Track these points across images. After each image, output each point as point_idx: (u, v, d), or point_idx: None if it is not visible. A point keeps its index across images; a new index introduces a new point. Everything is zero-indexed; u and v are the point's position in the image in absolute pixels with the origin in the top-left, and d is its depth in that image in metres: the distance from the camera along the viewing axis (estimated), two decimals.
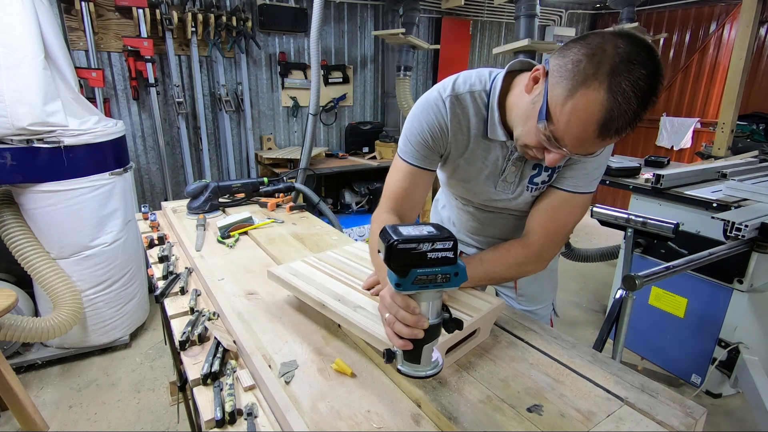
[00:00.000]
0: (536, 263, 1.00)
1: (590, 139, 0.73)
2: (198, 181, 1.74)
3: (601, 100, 0.68)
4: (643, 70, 0.66)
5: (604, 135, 0.71)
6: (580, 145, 0.75)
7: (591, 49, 0.69)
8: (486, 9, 4.41)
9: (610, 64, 0.67)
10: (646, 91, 0.67)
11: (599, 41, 0.69)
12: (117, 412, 2.09)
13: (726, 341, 2.06)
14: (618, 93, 0.67)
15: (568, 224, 0.99)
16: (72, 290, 2.20)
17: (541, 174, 0.97)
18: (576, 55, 0.70)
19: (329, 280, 1.01)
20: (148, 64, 2.92)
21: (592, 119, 0.69)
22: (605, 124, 0.69)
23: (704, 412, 0.73)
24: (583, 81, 0.69)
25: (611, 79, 0.67)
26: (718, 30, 4.42)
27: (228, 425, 0.70)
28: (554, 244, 0.99)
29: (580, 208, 0.97)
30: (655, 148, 4.90)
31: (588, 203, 0.98)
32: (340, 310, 0.87)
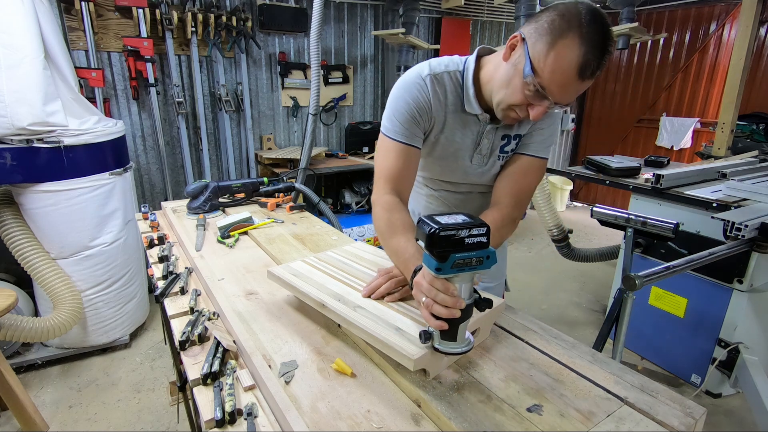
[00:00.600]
0: (510, 225, 1.09)
1: (572, 82, 0.85)
2: (198, 181, 1.74)
3: (577, 46, 0.82)
4: (603, 24, 0.82)
5: (583, 76, 0.84)
6: (564, 91, 0.87)
7: (560, 12, 0.84)
8: (486, 9, 4.41)
9: (579, 21, 0.82)
10: (607, 39, 0.83)
11: (564, 6, 0.85)
12: (117, 412, 2.09)
13: (726, 341, 2.06)
14: (589, 41, 0.82)
15: (531, 187, 1.10)
16: (72, 290, 2.20)
17: (510, 143, 1.09)
18: (549, 17, 0.85)
19: (329, 280, 1.01)
20: (148, 64, 2.92)
21: (572, 64, 0.83)
22: (583, 67, 0.83)
23: (704, 412, 0.73)
24: (560, 34, 0.83)
25: (582, 30, 0.81)
26: (718, 30, 4.42)
27: (228, 425, 0.70)
28: (521, 206, 1.09)
29: (540, 171, 1.10)
30: (655, 148, 4.90)
31: (544, 168, 1.12)
32: (340, 310, 0.87)
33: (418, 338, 0.75)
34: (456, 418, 0.70)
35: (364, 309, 0.88)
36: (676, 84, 4.80)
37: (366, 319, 0.84)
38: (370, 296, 0.92)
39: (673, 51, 4.76)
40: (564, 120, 5.62)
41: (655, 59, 4.90)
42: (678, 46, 4.72)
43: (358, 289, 0.96)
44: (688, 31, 4.62)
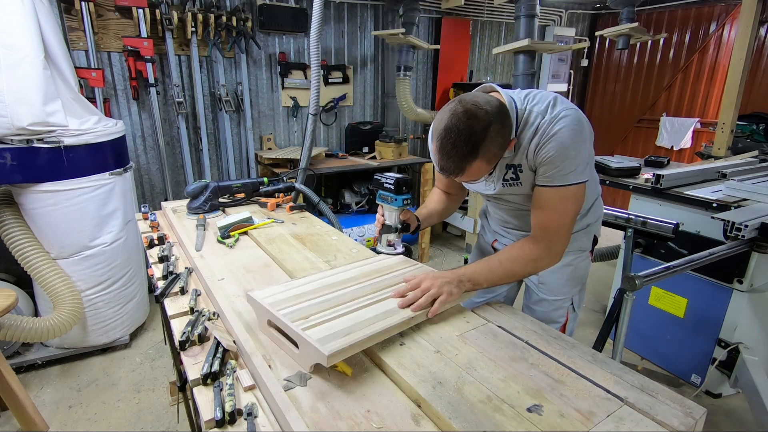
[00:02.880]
0: (549, 257, 1.12)
1: (442, 173, 1.04)
2: (198, 181, 1.74)
3: (435, 151, 1.02)
4: (456, 138, 0.96)
5: (443, 172, 1.03)
6: (444, 176, 1.11)
7: (437, 117, 1.01)
8: (486, 9, 4.40)
9: (437, 130, 1.00)
10: (459, 149, 0.96)
11: (442, 112, 1.00)
12: (117, 412, 2.09)
13: (726, 341, 2.06)
14: (441, 150, 0.99)
15: (564, 216, 1.10)
16: (72, 290, 2.20)
17: (509, 173, 1.17)
18: (434, 120, 1.03)
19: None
20: (148, 64, 2.92)
21: (435, 162, 1.04)
22: (440, 167, 1.03)
23: (704, 412, 0.73)
24: (431, 138, 1.04)
25: (437, 142, 1.00)
26: (718, 30, 4.42)
27: (228, 425, 0.70)
28: (559, 236, 1.11)
29: (569, 199, 1.09)
30: (655, 148, 4.90)
31: (576, 194, 1.09)
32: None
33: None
34: (456, 418, 0.70)
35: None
36: (676, 84, 4.80)
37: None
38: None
39: (673, 51, 4.76)
40: None
41: (655, 59, 4.90)
42: (678, 46, 4.72)
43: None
44: (688, 31, 4.62)
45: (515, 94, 1.12)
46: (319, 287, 1.03)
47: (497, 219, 1.45)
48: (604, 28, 4.21)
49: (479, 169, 1.00)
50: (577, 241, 1.33)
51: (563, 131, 1.03)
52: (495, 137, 0.98)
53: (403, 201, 1.26)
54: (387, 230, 1.31)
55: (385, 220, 1.31)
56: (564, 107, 1.06)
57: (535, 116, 1.06)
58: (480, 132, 0.95)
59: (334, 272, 1.13)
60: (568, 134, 1.03)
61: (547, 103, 1.07)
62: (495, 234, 1.49)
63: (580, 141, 1.05)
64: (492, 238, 1.50)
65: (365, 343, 0.83)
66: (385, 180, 1.29)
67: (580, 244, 1.35)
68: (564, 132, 1.03)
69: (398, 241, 1.32)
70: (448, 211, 1.47)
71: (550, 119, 1.04)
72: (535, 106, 1.07)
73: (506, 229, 1.43)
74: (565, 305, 1.40)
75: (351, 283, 1.06)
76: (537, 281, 1.39)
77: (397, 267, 1.18)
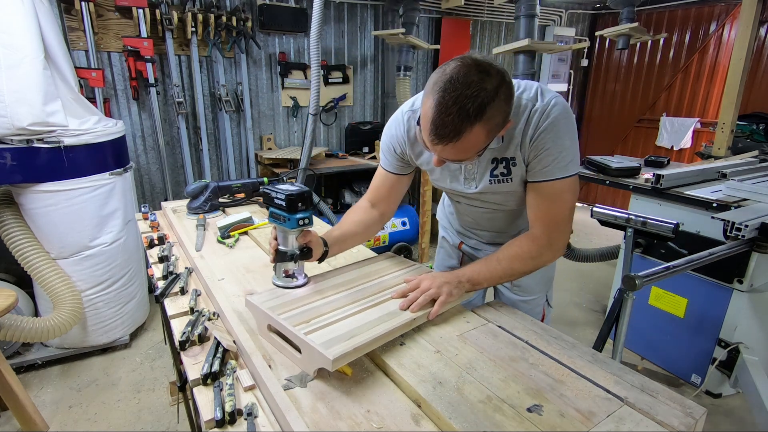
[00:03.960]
0: (550, 252, 1.07)
1: (430, 142, 0.88)
2: (198, 181, 1.74)
3: (431, 107, 0.84)
4: (463, 90, 0.80)
5: (440, 138, 0.85)
6: (431, 147, 0.90)
7: (440, 69, 0.86)
8: (486, 9, 4.40)
9: (440, 82, 0.83)
10: (463, 106, 0.80)
11: (446, 64, 0.85)
12: (117, 412, 2.09)
13: (726, 341, 2.06)
14: (441, 104, 0.82)
15: (562, 210, 1.05)
16: (72, 290, 2.20)
17: (498, 167, 1.08)
18: (435, 72, 0.87)
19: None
20: (148, 64, 2.92)
21: (428, 123, 0.85)
22: (434, 128, 0.84)
23: (704, 412, 0.73)
24: (427, 93, 0.86)
25: (438, 93, 0.82)
26: (718, 30, 4.42)
27: (228, 425, 0.71)
28: (559, 230, 1.06)
29: (567, 192, 1.03)
30: (655, 148, 4.90)
31: (572, 185, 1.03)
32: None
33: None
34: (456, 418, 0.70)
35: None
36: (676, 84, 4.80)
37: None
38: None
39: (673, 51, 4.76)
40: None
41: (655, 59, 4.90)
42: (678, 46, 4.72)
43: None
44: (688, 31, 4.62)
45: None
46: (318, 290, 1.03)
47: (466, 221, 1.36)
48: (604, 28, 4.21)
49: (477, 140, 0.86)
50: None
51: (558, 120, 0.97)
52: (503, 103, 0.85)
53: (298, 221, 1.00)
54: (281, 257, 1.04)
55: (279, 244, 1.06)
56: (552, 95, 0.99)
57: (525, 103, 0.99)
58: (491, 90, 0.81)
59: (333, 274, 1.13)
60: (563, 123, 0.97)
61: (534, 90, 1.00)
62: (461, 236, 1.44)
63: (573, 129, 1.01)
64: (458, 240, 1.45)
65: (369, 347, 0.83)
66: (275, 194, 1.02)
67: None
68: (559, 121, 0.97)
69: (299, 270, 1.07)
70: (369, 232, 1.25)
71: (542, 107, 0.97)
72: (524, 93, 1.00)
73: (474, 231, 1.37)
74: (541, 302, 1.41)
75: (351, 285, 1.06)
76: (510, 284, 1.36)
77: (397, 268, 1.18)
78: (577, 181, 1.05)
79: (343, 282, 1.08)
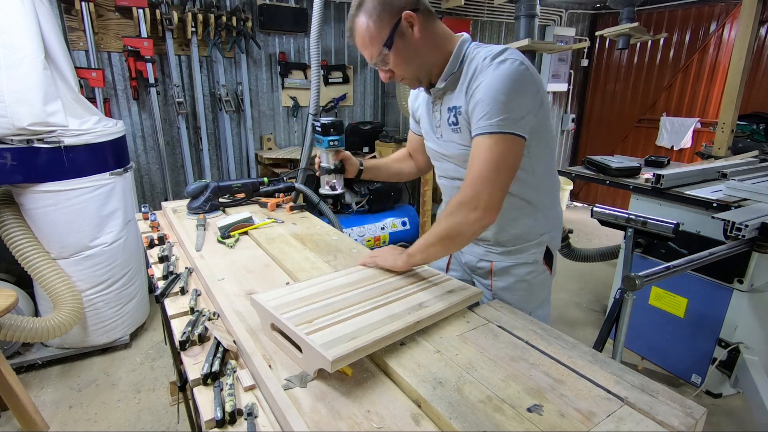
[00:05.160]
0: (476, 202, 1.00)
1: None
2: (198, 181, 1.74)
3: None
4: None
5: (350, 40, 1.12)
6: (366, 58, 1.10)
7: None
8: (486, 9, 4.40)
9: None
10: (349, 8, 1.06)
11: None
12: (117, 412, 2.09)
13: (726, 341, 2.06)
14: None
15: (488, 164, 0.98)
16: (72, 290, 2.20)
17: (450, 116, 1.12)
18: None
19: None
20: (148, 64, 2.92)
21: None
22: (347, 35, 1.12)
23: (704, 412, 0.73)
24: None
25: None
26: (718, 30, 4.42)
27: (228, 425, 0.70)
28: (484, 188, 0.99)
29: (490, 150, 0.98)
30: (655, 148, 4.90)
31: (501, 145, 0.98)
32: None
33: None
34: (456, 418, 0.70)
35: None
36: (676, 84, 4.79)
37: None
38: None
39: (673, 51, 4.76)
40: (564, 120, 5.63)
41: (655, 59, 4.90)
42: (678, 46, 4.72)
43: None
44: (688, 31, 4.62)
45: (477, 42, 1.11)
46: (323, 290, 1.03)
47: (446, 200, 1.34)
48: (604, 28, 4.21)
49: (368, 29, 1.03)
50: (526, 252, 1.21)
51: (498, 73, 0.97)
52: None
53: (329, 142, 1.30)
54: (323, 171, 1.36)
55: (321, 162, 1.36)
56: (512, 57, 0.99)
57: (480, 57, 1.02)
58: None
59: (338, 275, 1.13)
60: (502, 77, 0.96)
61: (498, 50, 1.01)
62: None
63: (516, 90, 0.97)
64: None
65: (370, 348, 0.83)
66: (316, 124, 1.33)
67: (534, 256, 1.21)
68: (499, 74, 0.97)
69: (339, 182, 1.38)
70: (404, 172, 1.48)
71: (490, 61, 0.99)
72: (484, 50, 1.04)
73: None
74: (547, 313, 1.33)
75: (355, 286, 1.06)
76: (491, 295, 1.27)
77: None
78: (514, 147, 0.99)
79: (348, 283, 1.08)
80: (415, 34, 1.04)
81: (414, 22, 1.03)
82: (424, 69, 1.10)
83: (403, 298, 1.01)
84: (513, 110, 0.97)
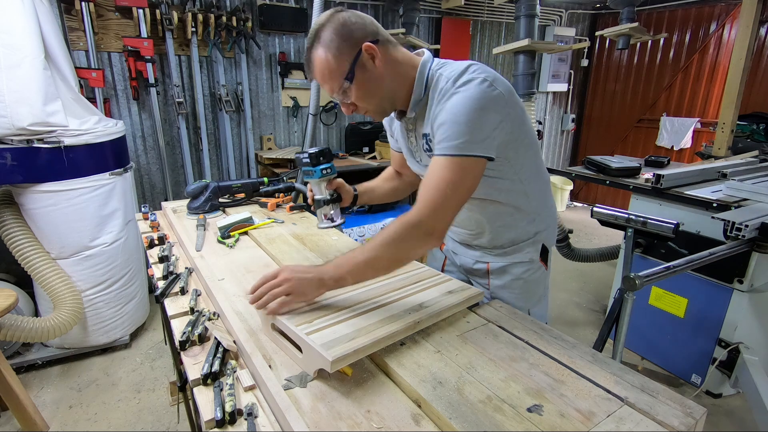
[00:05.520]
0: (421, 235, 0.95)
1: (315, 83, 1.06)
2: (198, 181, 1.74)
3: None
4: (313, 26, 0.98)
5: (308, 75, 1.04)
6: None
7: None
8: (486, 9, 4.40)
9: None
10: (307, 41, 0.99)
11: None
12: (117, 412, 2.09)
13: (726, 341, 2.06)
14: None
15: (438, 188, 0.94)
16: (72, 290, 2.20)
17: (425, 142, 1.10)
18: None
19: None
20: (148, 64, 2.92)
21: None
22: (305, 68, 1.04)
23: (704, 412, 0.73)
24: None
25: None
26: (718, 30, 4.42)
27: (228, 425, 0.70)
28: (431, 210, 0.94)
29: (446, 170, 0.94)
30: (655, 148, 4.90)
31: (457, 167, 0.94)
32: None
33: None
34: (456, 418, 0.70)
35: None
36: (676, 84, 4.80)
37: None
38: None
39: (673, 51, 4.76)
40: (564, 120, 5.63)
41: (655, 59, 4.90)
42: (678, 46, 4.72)
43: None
44: (688, 31, 4.62)
45: (439, 61, 1.06)
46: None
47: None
48: (604, 28, 4.21)
49: (325, 62, 0.96)
50: (524, 251, 1.21)
51: (460, 96, 0.93)
52: (338, 26, 0.95)
53: (321, 171, 1.23)
54: (318, 204, 1.28)
55: (315, 194, 1.29)
56: (474, 75, 0.95)
57: (443, 81, 0.98)
58: (323, 21, 0.97)
59: None
60: (464, 100, 0.93)
61: (460, 70, 0.97)
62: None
63: (480, 109, 0.93)
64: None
65: (370, 349, 0.83)
66: (302, 156, 1.24)
67: (530, 254, 1.22)
68: (461, 97, 0.93)
69: (336, 213, 1.29)
70: (396, 192, 1.41)
71: (451, 85, 0.96)
72: (446, 71, 0.99)
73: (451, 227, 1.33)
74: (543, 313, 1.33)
75: (356, 286, 1.06)
76: (489, 294, 1.26)
77: (403, 270, 1.17)
78: (468, 168, 0.95)
79: None
80: (376, 65, 0.99)
81: (375, 54, 0.97)
82: (387, 99, 1.06)
83: (403, 298, 1.01)
84: (474, 131, 0.93)
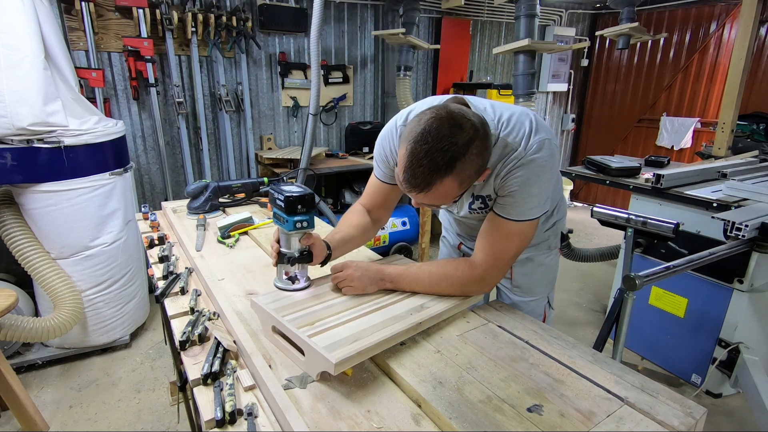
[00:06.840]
0: (479, 285, 1.05)
1: (403, 189, 0.89)
2: (198, 181, 1.74)
3: (404, 156, 0.85)
4: (434, 144, 0.81)
5: (407, 186, 0.87)
6: (410, 194, 0.89)
7: (416, 119, 0.86)
8: (486, 9, 4.40)
9: (414, 132, 0.84)
10: (433, 159, 0.82)
11: (423, 113, 0.86)
12: (117, 412, 2.09)
13: (726, 341, 2.06)
14: (413, 155, 0.83)
15: (507, 250, 1.03)
16: (72, 290, 2.20)
17: (475, 203, 1.09)
18: (410, 121, 0.88)
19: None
20: (148, 64, 2.92)
21: (401, 170, 0.86)
22: (406, 177, 0.85)
23: (704, 412, 0.73)
24: (402, 140, 0.87)
25: (411, 143, 0.83)
26: (718, 30, 4.42)
27: (228, 425, 0.71)
28: (497, 269, 1.04)
29: (518, 236, 1.02)
30: (655, 148, 4.90)
31: (525, 230, 1.02)
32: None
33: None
34: (456, 418, 0.70)
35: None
36: (676, 84, 4.79)
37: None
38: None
39: (673, 51, 4.76)
40: (564, 120, 5.63)
41: (655, 59, 4.90)
42: (678, 46, 4.72)
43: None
44: (688, 31, 4.62)
45: (487, 113, 0.98)
46: (323, 292, 1.03)
47: (463, 227, 1.38)
48: (604, 28, 4.21)
49: (448, 191, 0.86)
50: (546, 240, 1.32)
51: (533, 168, 0.95)
52: (476, 157, 0.85)
53: (295, 224, 0.97)
54: (281, 259, 1.03)
55: (281, 246, 1.04)
56: (539, 140, 0.95)
57: (509, 146, 0.96)
58: (462, 145, 0.82)
59: None
60: (536, 171, 0.95)
61: (522, 133, 0.95)
62: (460, 237, 1.44)
63: (547, 178, 0.98)
64: (457, 241, 1.46)
65: (372, 350, 0.83)
66: (276, 195, 1.00)
67: (549, 243, 1.33)
68: (534, 169, 0.95)
69: (302, 273, 1.06)
70: (367, 236, 1.26)
71: (520, 154, 0.95)
72: (510, 135, 0.96)
73: (470, 235, 1.37)
74: (542, 304, 1.40)
75: None
76: (510, 285, 1.35)
77: None
78: (535, 225, 1.03)
79: None
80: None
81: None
82: None
83: (404, 299, 1.02)
84: (543, 195, 0.99)
